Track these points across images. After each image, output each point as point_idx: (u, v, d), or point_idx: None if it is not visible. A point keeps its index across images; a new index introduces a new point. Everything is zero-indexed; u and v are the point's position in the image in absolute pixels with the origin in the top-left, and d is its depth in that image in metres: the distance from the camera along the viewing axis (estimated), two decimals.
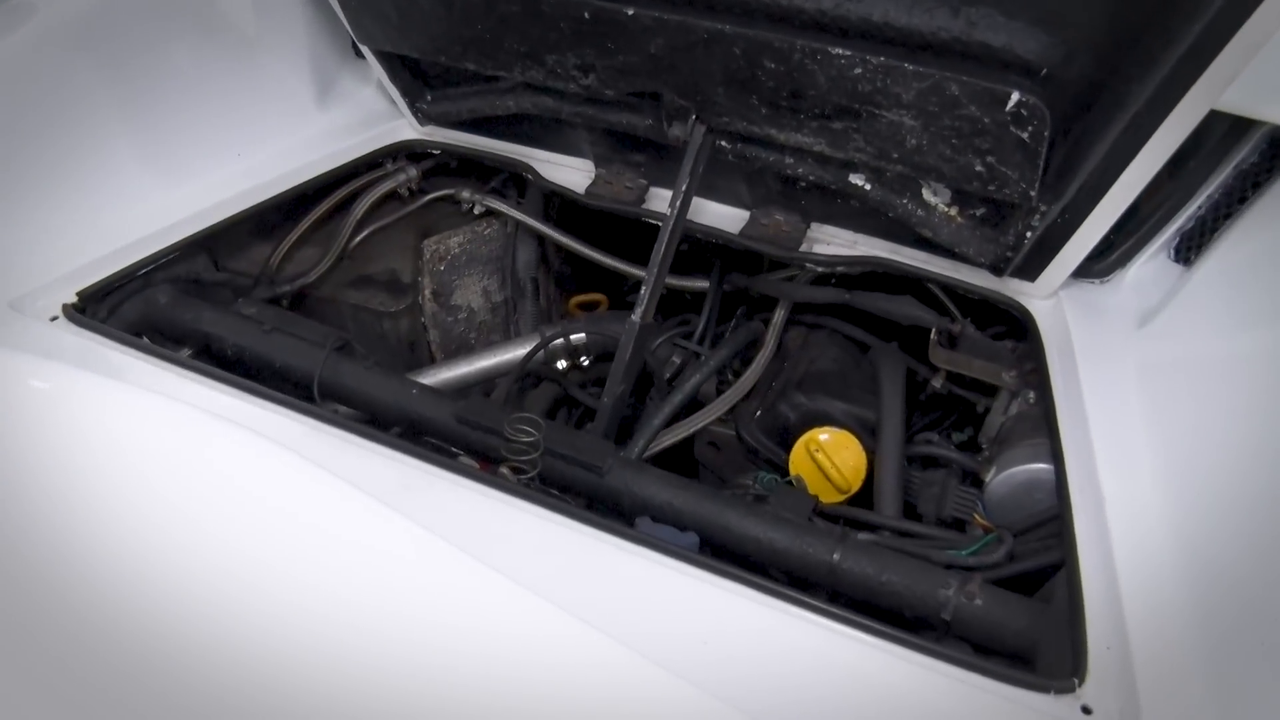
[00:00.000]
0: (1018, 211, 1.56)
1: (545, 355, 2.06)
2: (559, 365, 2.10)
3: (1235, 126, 1.47)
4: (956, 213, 1.67)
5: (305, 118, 2.15)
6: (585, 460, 1.56)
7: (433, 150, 2.22)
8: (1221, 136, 1.50)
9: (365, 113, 2.24)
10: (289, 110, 2.13)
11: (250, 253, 2.10)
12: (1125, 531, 1.28)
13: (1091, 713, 1.10)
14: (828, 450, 1.73)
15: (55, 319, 1.65)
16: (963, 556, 1.47)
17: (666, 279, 1.81)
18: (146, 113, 1.92)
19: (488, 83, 2.04)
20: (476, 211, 2.27)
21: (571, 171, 2.09)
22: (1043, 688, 1.13)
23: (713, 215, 1.93)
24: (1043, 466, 1.50)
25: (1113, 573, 1.24)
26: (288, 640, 1.06)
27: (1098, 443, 1.40)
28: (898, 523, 1.62)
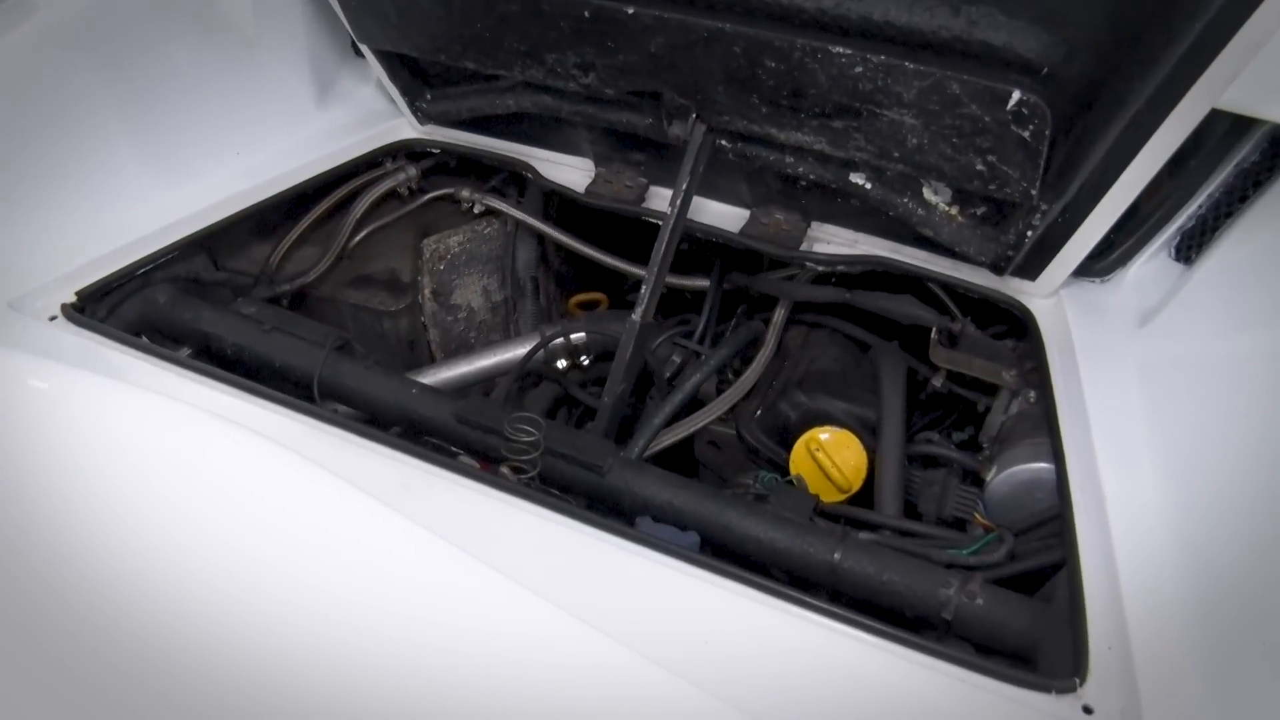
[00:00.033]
0: (1018, 210, 1.56)
1: (545, 354, 2.06)
2: (559, 364, 2.10)
3: (1236, 125, 1.47)
4: (957, 212, 1.67)
5: (305, 117, 2.15)
6: (585, 460, 1.56)
7: (432, 149, 2.21)
8: (1222, 135, 1.50)
9: (365, 112, 2.23)
10: (288, 109, 2.13)
11: (250, 252, 2.10)
12: (1126, 531, 1.28)
13: (1093, 712, 1.10)
14: (828, 449, 1.72)
15: (54, 319, 1.64)
16: (964, 556, 1.47)
17: (667, 278, 1.81)
18: (146, 112, 1.92)
19: (487, 82, 2.04)
20: (476, 210, 2.27)
21: (571, 170, 2.09)
22: (1044, 687, 1.13)
23: (713, 214, 1.93)
24: (1043, 466, 1.50)
25: (1114, 572, 1.24)
26: (287, 640, 1.05)
27: (1098, 442, 1.40)
28: (898, 522, 1.62)
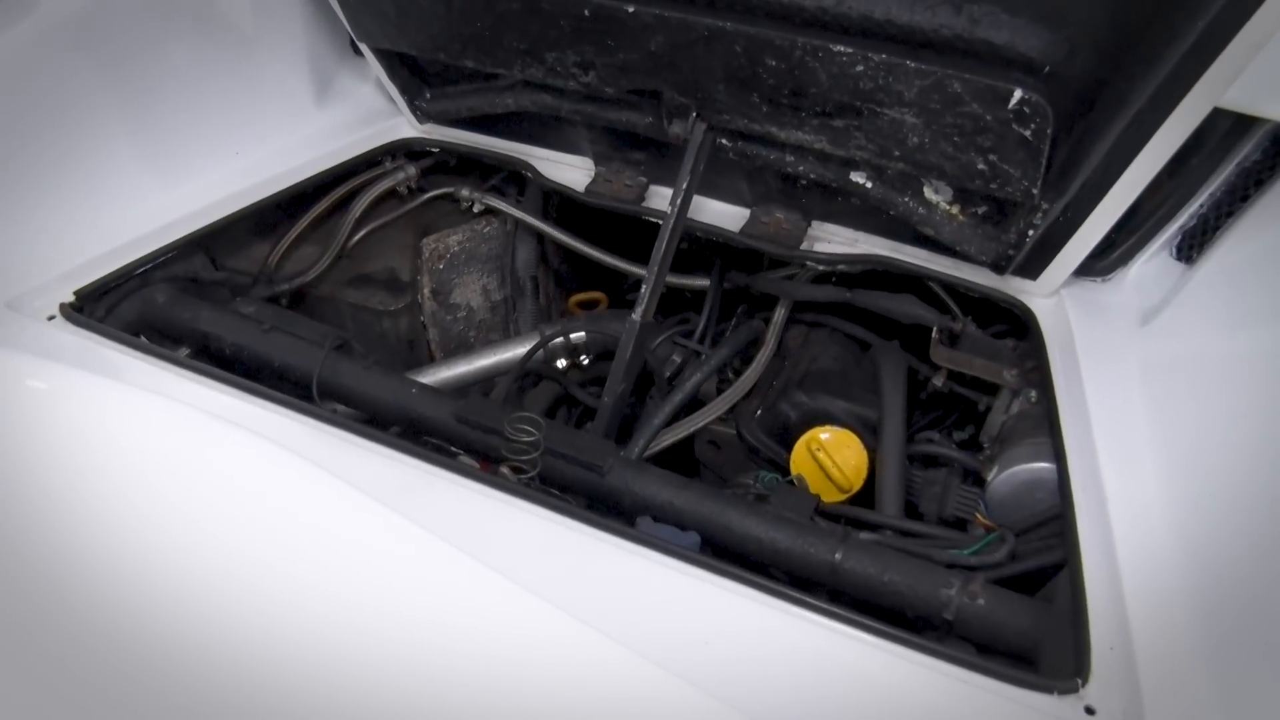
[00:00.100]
0: (1020, 209, 1.56)
1: (545, 354, 2.06)
2: (559, 364, 2.09)
3: (1238, 124, 1.47)
4: (958, 211, 1.67)
5: (304, 116, 2.14)
6: (586, 460, 1.55)
7: (432, 148, 2.21)
8: (1224, 134, 1.49)
9: (364, 111, 2.23)
10: (287, 108, 2.12)
11: (249, 251, 2.10)
12: (1128, 530, 1.28)
13: (1095, 713, 1.10)
14: (829, 449, 1.72)
15: (53, 318, 1.64)
16: (965, 556, 1.47)
17: (667, 277, 1.81)
18: (144, 111, 1.91)
19: (487, 80, 2.03)
20: (476, 210, 2.27)
21: (571, 169, 2.09)
22: (1046, 688, 1.13)
23: (713, 213, 1.93)
24: (1045, 465, 1.50)
25: (1115, 572, 1.23)
26: (286, 640, 1.05)
27: (1100, 441, 1.40)
28: (899, 522, 1.62)
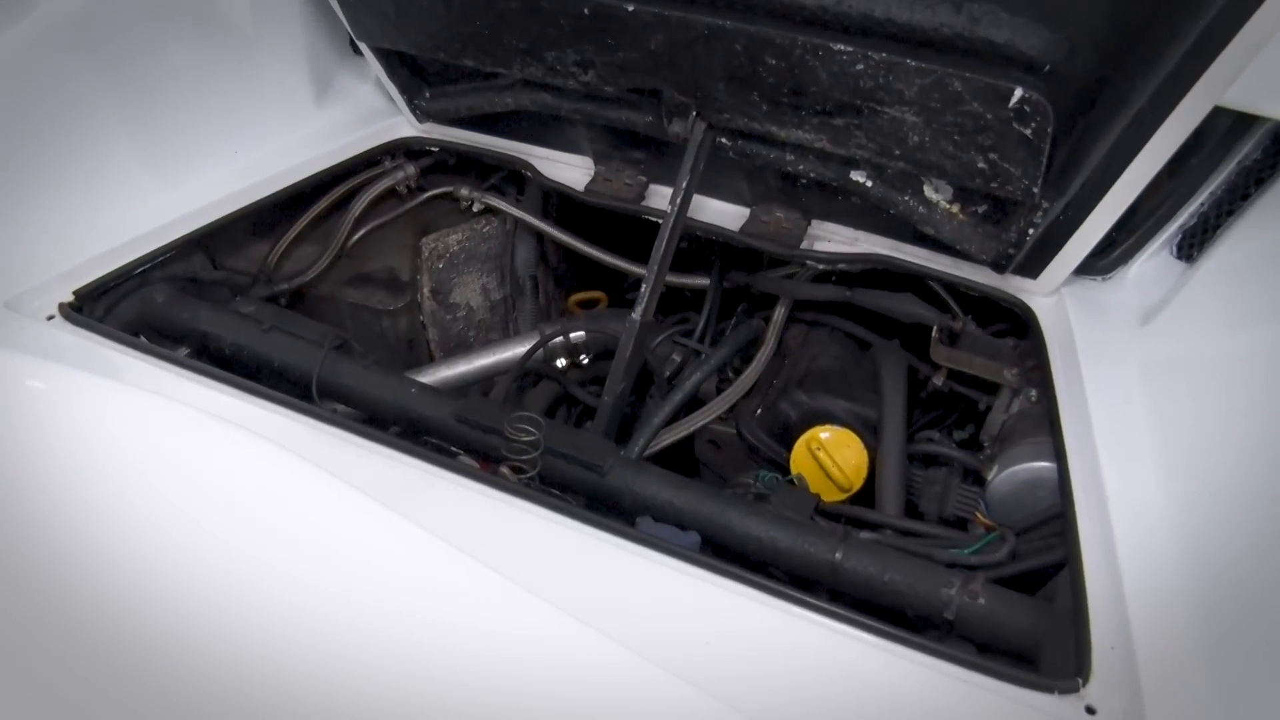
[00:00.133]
0: (1020, 208, 1.56)
1: (545, 353, 2.05)
2: (558, 363, 2.09)
3: (1238, 123, 1.47)
4: (958, 210, 1.66)
5: (303, 115, 2.14)
6: (585, 459, 1.55)
7: (431, 148, 2.21)
8: (1224, 133, 1.49)
9: (363, 110, 2.22)
10: (287, 108, 2.12)
11: (248, 251, 2.09)
12: (1128, 530, 1.28)
13: (1095, 713, 1.09)
14: (829, 449, 1.72)
15: (52, 318, 1.64)
16: (965, 555, 1.47)
17: (667, 276, 1.81)
18: (144, 111, 1.91)
19: (486, 80, 2.03)
20: (475, 209, 2.26)
21: (571, 169, 2.08)
22: (1046, 688, 1.12)
23: (713, 212, 1.93)
24: (1045, 465, 1.50)
25: (1116, 571, 1.23)
26: (286, 640, 1.05)
27: (1100, 440, 1.40)
28: (900, 521, 1.62)
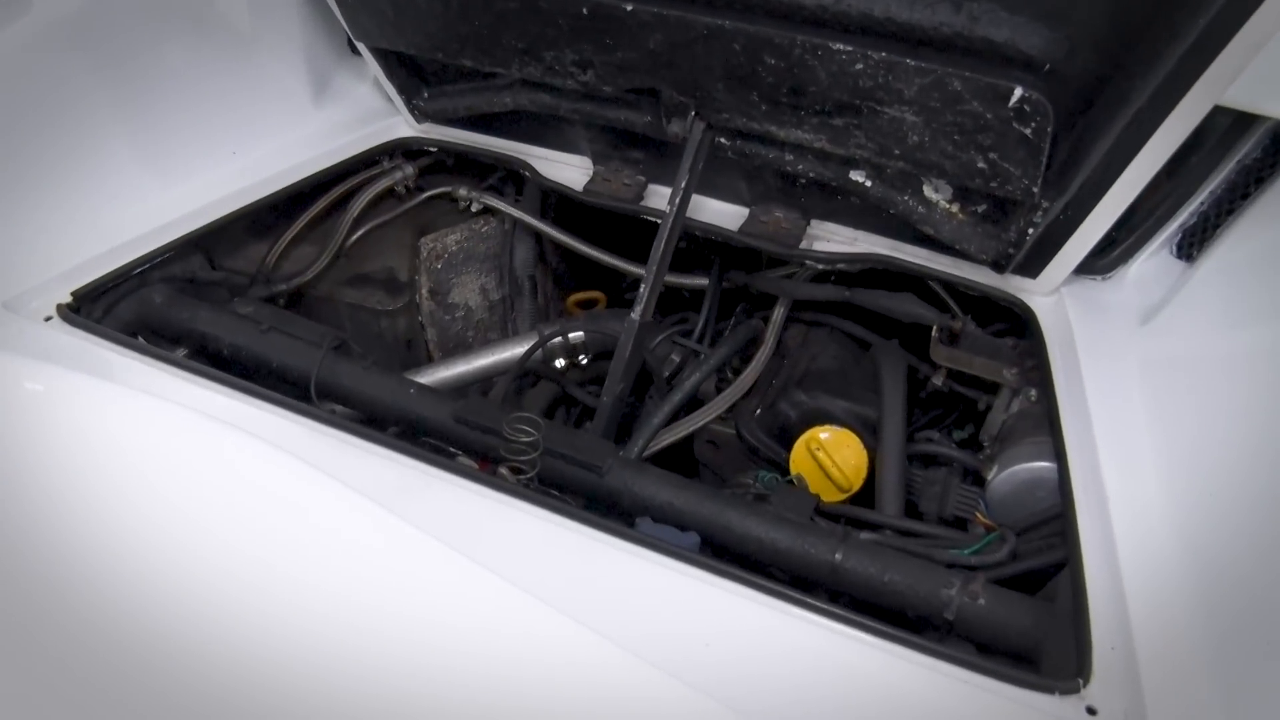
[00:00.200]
0: (1020, 208, 1.55)
1: (543, 354, 2.05)
2: (557, 364, 2.09)
3: (1238, 122, 1.47)
4: (958, 209, 1.66)
5: (301, 115, 2.14)
6: (585, 460, 1.55)
7: (429, 148, 2.20)
8: (1224, 132, 1.49)
9: (361, 110, 2.22)
10: (285, 108, 2.12)
11: (246, 251, 2.09)
12: (1129, 529, 1.27)
13: (1096, 713, 1.09)
14: (829, 449, 1.72)
15: (50, 319, 1.63)
16: (965, 556, 1.47)
17: (665, 276, 1.80)
18: (142, 111, 1.91)
19: (485, 79, 2.03)
20: (474, 209, 2.26)
21: (569, 169, 2.08)
22: (1047, 688, 1.12)
23: (712, 212, 1.92)
24: (1045, 464, 1.50)
25: (1117, 571, 1.23)
26: (284, 641, 1.05)
27: (1100, 440, 1.40)
28: (900, 522, 1.62)
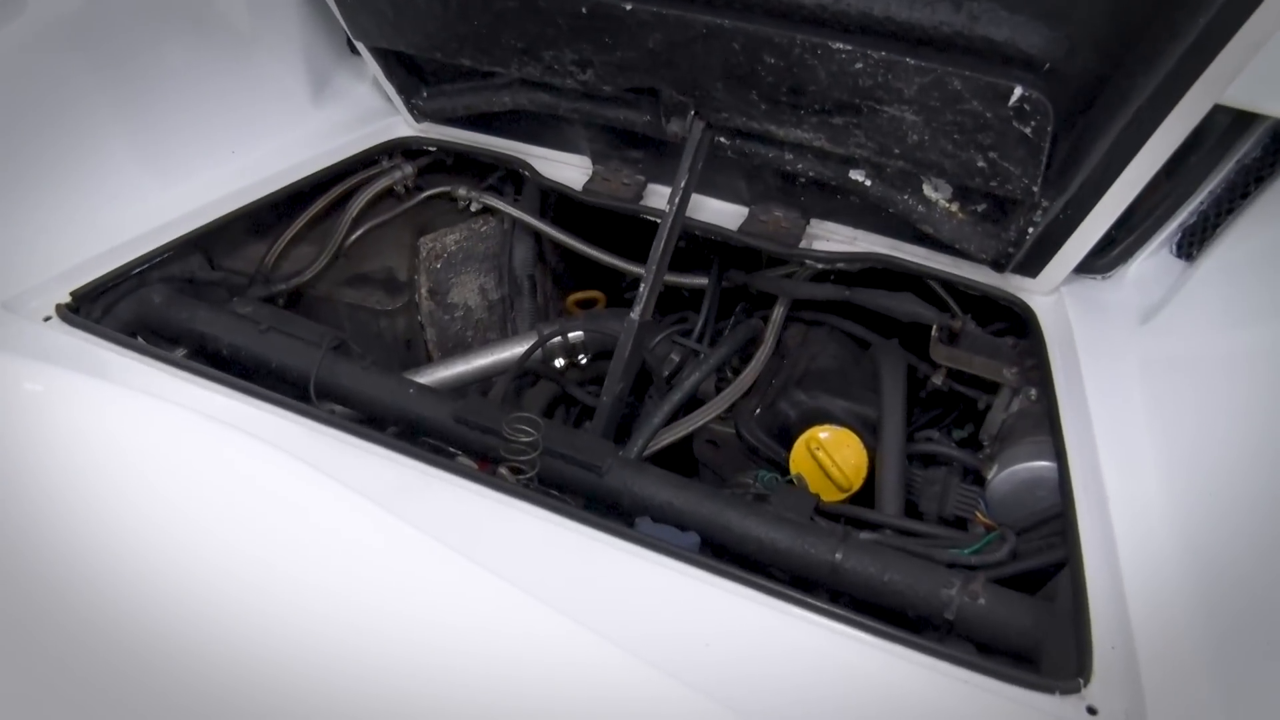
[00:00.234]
0: (1020, 207, 1.55)
1: (543, 353, 2.05)
2: (557, 363, 2.09)
3: (1238, 121, 1.47)
4: (958, 209, 1.66)
5: (300, 115, 2.14)
6: (584, 460, 1.55)
7: (428, 147, 2.20)
8: (1224, 131, 1.49)
9: (361, 110, 2.22)
10: (284, 108, 2.12)
11: (245, 251, 2.09)
12: (1129, 529, 1.27)
13: (1097, 713, 1.09)
14: (828, 448, 1.72)
15: (49, 319, 1.63)
16: (965, 555, 1.47)
17: (665, 276, 1.80)
18: (141, 111, 1.91)
19: (484, 79, 2.02)
20: (473, 209, 2.26)
21: (569, 168, 2.08)
22: (1047, 688, 1.12)
23: (711, 212, 1.92)
24: (1045, 464, 1.50)
25: (1117, 571, 1.23)
26: (283, 642, 1.05)
27: (1100, 439, 1.40)
28: (900, 521, 1.61)
